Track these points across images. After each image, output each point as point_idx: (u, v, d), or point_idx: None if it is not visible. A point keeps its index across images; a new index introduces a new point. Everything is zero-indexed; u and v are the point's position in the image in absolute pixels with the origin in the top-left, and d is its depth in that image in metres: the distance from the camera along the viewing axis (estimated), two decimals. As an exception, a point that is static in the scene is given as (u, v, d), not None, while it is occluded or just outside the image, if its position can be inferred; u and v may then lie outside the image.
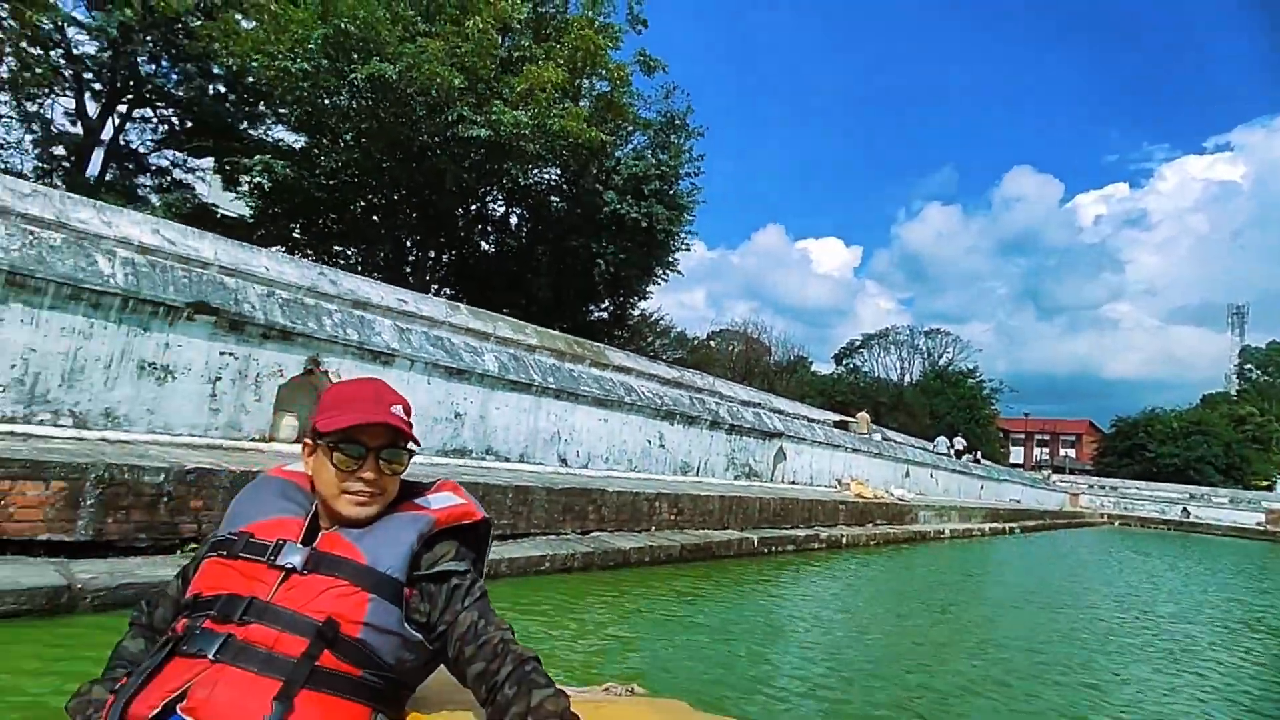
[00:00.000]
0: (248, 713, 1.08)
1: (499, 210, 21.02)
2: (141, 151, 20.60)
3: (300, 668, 1.12)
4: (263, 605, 1.18)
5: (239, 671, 1.12)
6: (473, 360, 8.58)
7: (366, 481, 1.30)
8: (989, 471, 30.39)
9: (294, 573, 1.22)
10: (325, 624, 1.16)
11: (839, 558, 11.29)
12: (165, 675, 1.13)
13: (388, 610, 1.22)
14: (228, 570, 1.25)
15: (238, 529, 1.31)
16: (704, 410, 12.63)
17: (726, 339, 43.31)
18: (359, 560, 1.24)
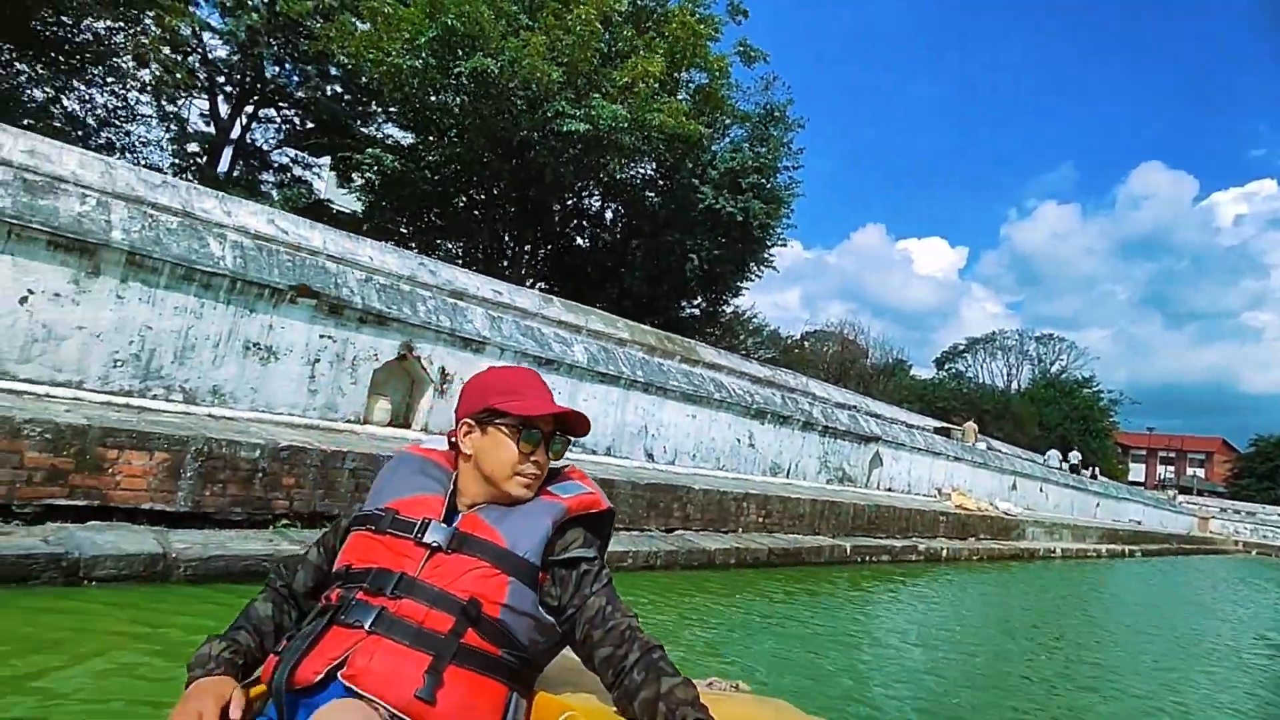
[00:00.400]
0: (402, 683, 1.14)
1: (594, 205, 21.11)
2: (265, 149, 21.90)
3: (448, 644, 1.18)
4: (411, 581, 1.23)
5: (393, 644, 1.17)
6: (562, 350, 8.54)
7: (538, 465, 1.37)
8: (1106, 488, 28.24)
9: (439, 551, 1.27)
10: (469, 603, 1.21)
11: (937, 572, 10.64)
12: (327, 643, 1.19)
13: (524, 593, 1.26)
14: (376, 545, 1.30)
15: (383, 505, 1.36)
16: (796, 410, 12.20)
17: (821, 340, 42.17)
18: (499, 543, 1.29)
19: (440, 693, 1.15)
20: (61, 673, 2.85)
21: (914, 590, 9.05)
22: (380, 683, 1.14)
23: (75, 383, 5.34)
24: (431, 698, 1.14)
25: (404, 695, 1.13)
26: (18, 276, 5.10)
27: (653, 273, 19.16)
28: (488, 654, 1.21)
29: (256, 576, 4.25)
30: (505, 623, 1.24)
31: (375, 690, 1.14)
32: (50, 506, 4.10)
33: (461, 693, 1.17)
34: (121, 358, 5.55)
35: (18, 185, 5.16)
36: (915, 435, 16.00)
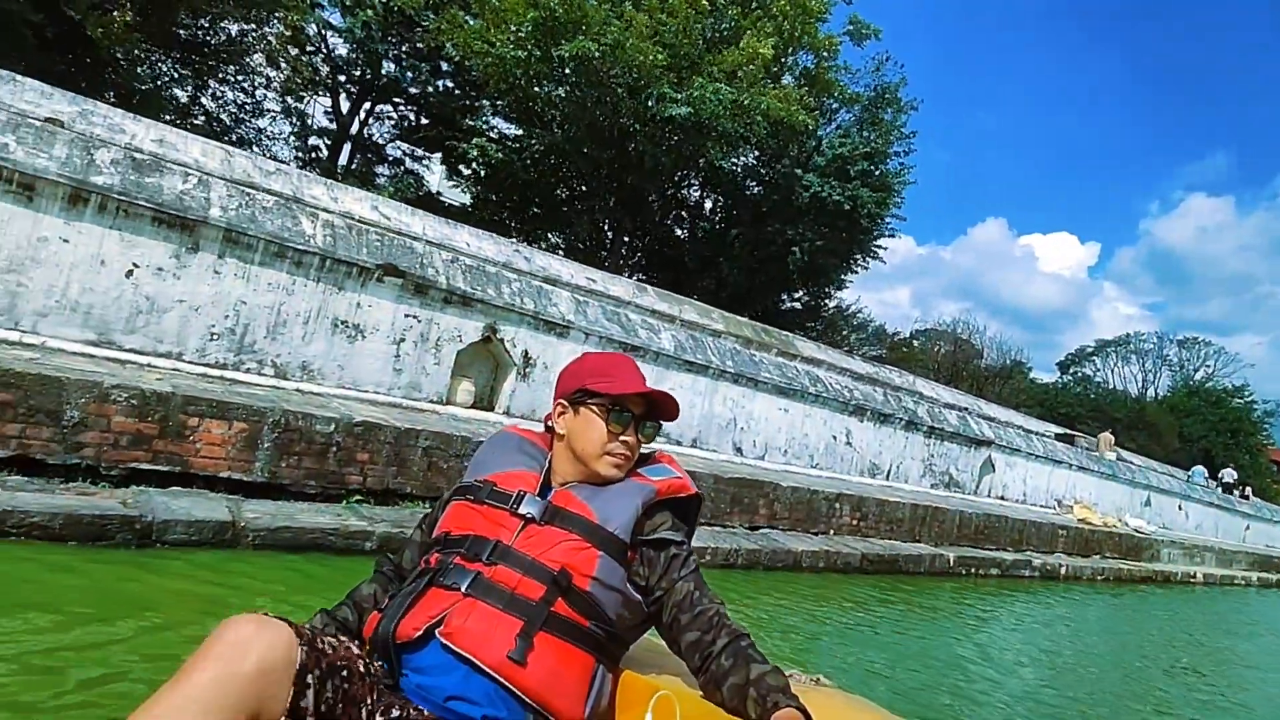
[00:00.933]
0: (495, 644, 1.18)
1: (693, 195, 20.77)
2: (380, 144, 22.84)
3: (539, 610, 1.21)
4: (506, 549, 1.28)
5: (487, 607, 1.21)
6: (649, 338, 8.30)
7: (628, 446, 1.41)
8: (1259, 510, 25.30)
9: (532, 522, 1.32)
10: (560, 573, 1.24)
11: (1054, 591, 9.72)
12: (426, 602, 1.24)
13: (614, 568, 1.29)
14: (474, 513, 1.36)
15: (482, 477, 1.42)
16: (899, 408, 11.46)
17: (932, 339, 40.05)
18: (590, 518, 1.32)
19: (531, 656, 1.18)
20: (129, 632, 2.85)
21: (1026, 608, 8.26)
22: (474, 642, 1.18)
23: (175, 354, 5.55)
24: (523, 660, 1.17)
25: (497, 655, 1.17)
26: (125, 250, 5.34)
27: (752, 264, 18.65)
28: (576, 624, 1.23)
29: (321, 549, 4.24)
30: (594, 595, 1.26)
31: (469, 649, 1.18)
32: (135, 470, 4.22)
33: (551, 659, 1.20)
34: (217, 331, 5.73)
35: (127, 164, 5.40)
36: (1033, 441, 14.78)
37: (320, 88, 21.99)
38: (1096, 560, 12.22)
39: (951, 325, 40.43)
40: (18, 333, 4.96)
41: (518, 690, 1.18)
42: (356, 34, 19.01)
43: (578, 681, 1.24)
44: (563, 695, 1.22)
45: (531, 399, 7.42)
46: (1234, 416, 43.56)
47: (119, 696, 2.33)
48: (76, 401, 4.01)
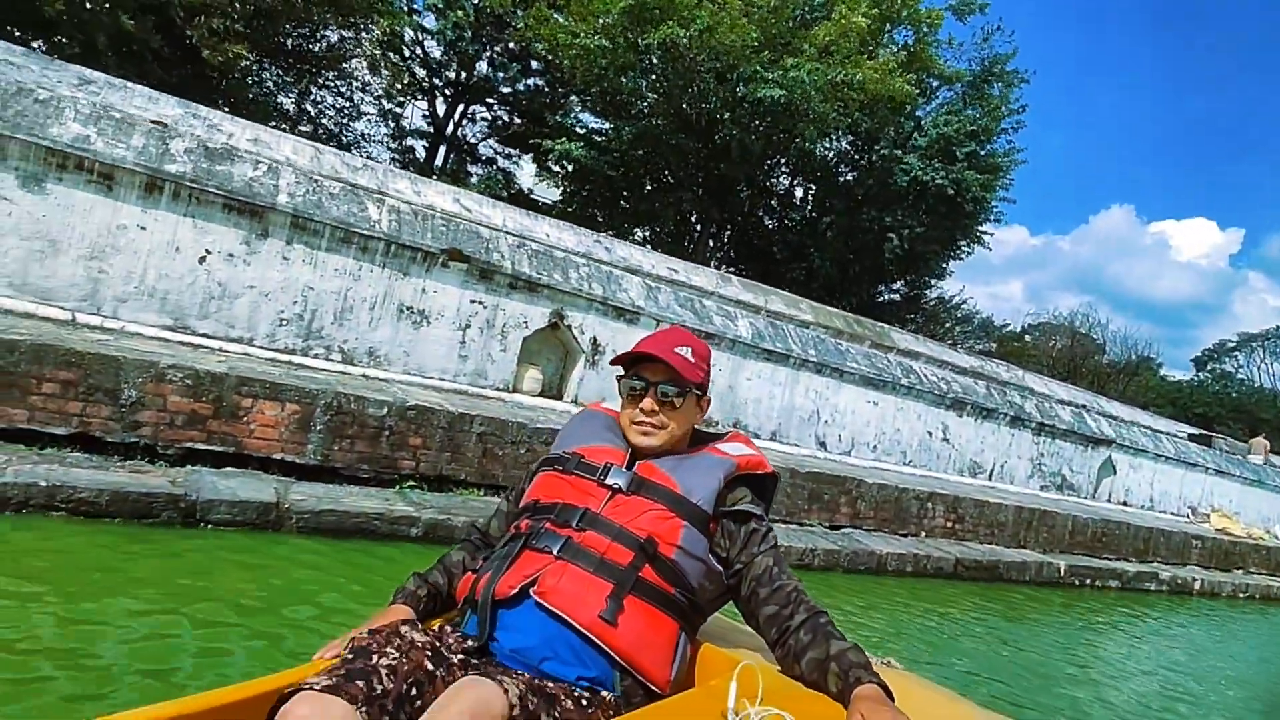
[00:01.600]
0: (587, 604, 1.20)
1: (784, 184, 20.09)
2: (473, 143, 23.37)
3: (628, 574, 1.24)
4: (595, 516, 1.30)
5: (578, 569, 1.24)
6: (724, 325, 7.91)
7: (645, 411, 1.41)
8: None
9: (619, 492, 1.34)
10: (647, 541, 1.27)
11: (1184, 608, 8.66)
12: (520, 563, 1.27)
13: (697, 538, 1.32)
14: (562, 483, 1.38)
15: (570, 449, 1.45)
16: (1003, 402, 10.55)
17: (1046, 333, 37.33)
18: (674, 489, 1.35)
19: (621, 617, 1.21)
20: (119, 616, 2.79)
21: (1149, 624, 7.36)
22: (567, 601, 1.21)
23: (246, 339, 5.65)
24: (614, 620, 1.20)
25: (589, 615, 1.20)
26: (197, 237, 5.46)
27: (845, 254, 17.83)
28: (663, 590, 1.26)
29: (366, 535, 4.14)
30: (678, 563, 1.28)
31: (562, 607, 1.21)
32: (191, 450, 4.25)
33: (639, 621, 1.23)
34: (286, 317, 5.80)
35: (199, 153, 5.53)
36: (1162, 441, 13.36)
37: (417, 91, 22.72)
38: (1239, 576, 10.88)
39: (1069, 318, 37.60)
40: (99, 317, 5.14)
41: (609, 649, 1.20)
42: (449, 36, 19.46)
43: (664, 646, 1.26)
44: (650, 657, 1.24)
45: (601, 387, 7.20)
46: None
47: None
48: (134, 381, 4.07)
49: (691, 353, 1.47)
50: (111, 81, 5.98)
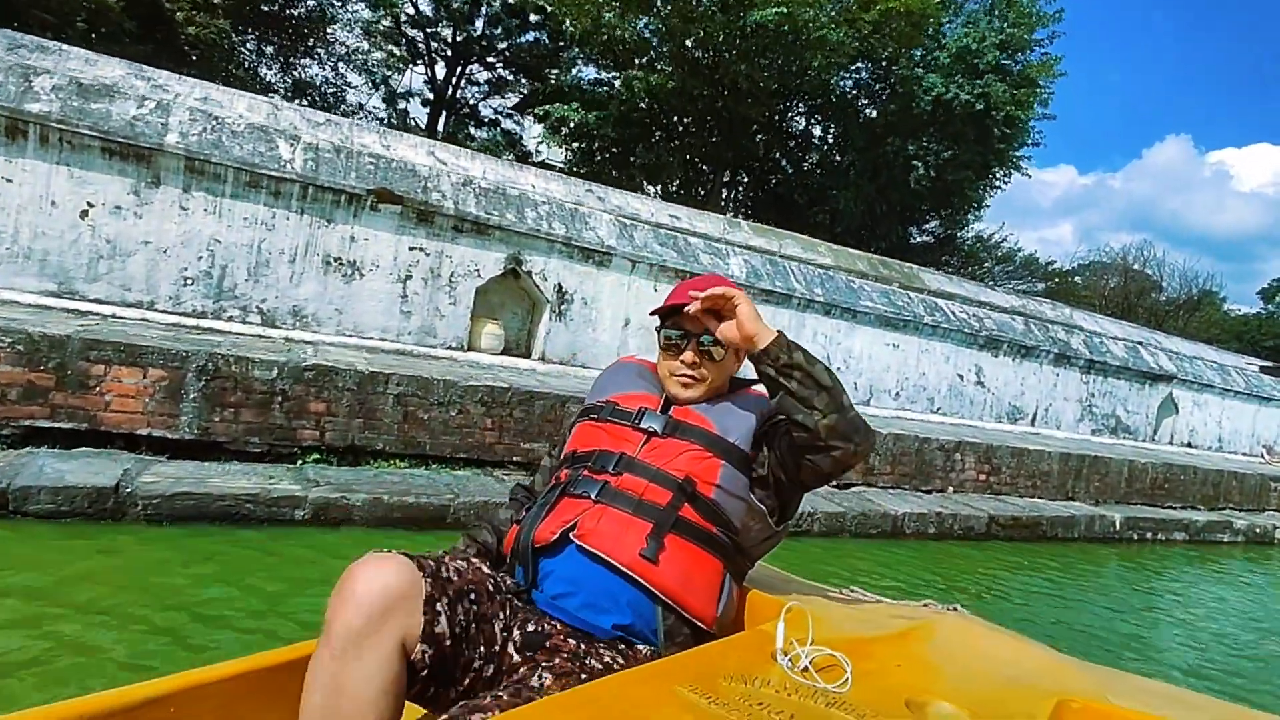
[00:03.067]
0: (627, 545, 1.19)
1: (800, 123, 18.80)
2: (473, 103, 22.50)
3: (667, 514, 1.22)
4: (631, 460, 1.28)
5: (617, 511, 1.23)
6: (711, 263, 6.98)
7: (687, 363, 1.37)
8: None
9: (655, 435, 1.32)
10: (684, 481, 1.25)
11: (1265, 561, 7.56)
12: (559, 510, 1.26)
13: (736, 477, 1.29)
14: (598, 431, 1.36)
15: (604, 398, 1.43)
16: (1045, 339, 9.42)
17: (1097, 272, 35.13)
18: (710, 430, 1.31)
19: (662, 555, 1.19)
20: None
21: (1219, 587, 6.31)
22: (607, 542, 1.20)
23: (146, 303, 4.95)
24: (654, 558, 1.18)
25: (629, 554, 1.19)
26: (75, 189, 4.74)
27: (870, 193, 16.53)
28: (704, 529, 1.24)
29: (236, 521, 3.40)
30: (718, 502, 1.26)
31: (603, 548, 1.19)
32: (33, 429, 3.55)
33: (681, 559, 1.21)
34: (191, 275, 5.07)
35: (70, 89, 4.78)
36: (1230, 375, 12.02)
37: (414, 56, 21.93)
38: (1324, 519, 9.65)
39: (1121, 254, 35.35)
40: (-36, 285, 4.48)
41: (652, 586, 1.18)
42: (443, -5, 18.53)
43: (708, 583, 1.23)
44: (694, 594, 1.21)
45: (571, 341, 6.36)
46: None
47: None
48: (-53, 349, 3.37)
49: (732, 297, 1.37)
50: (44, 44, 5.25)
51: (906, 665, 1.09)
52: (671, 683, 0.89)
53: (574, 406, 4.87)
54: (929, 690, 0.99)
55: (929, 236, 20.69)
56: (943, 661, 1.18)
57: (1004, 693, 1.08)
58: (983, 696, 1.03)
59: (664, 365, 1.40)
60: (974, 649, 1.20)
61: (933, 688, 1.00)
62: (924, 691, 0.98)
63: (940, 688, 1.01)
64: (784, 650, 1.01)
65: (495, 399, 4.54)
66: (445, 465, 4.44)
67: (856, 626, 1.23)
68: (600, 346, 6.46)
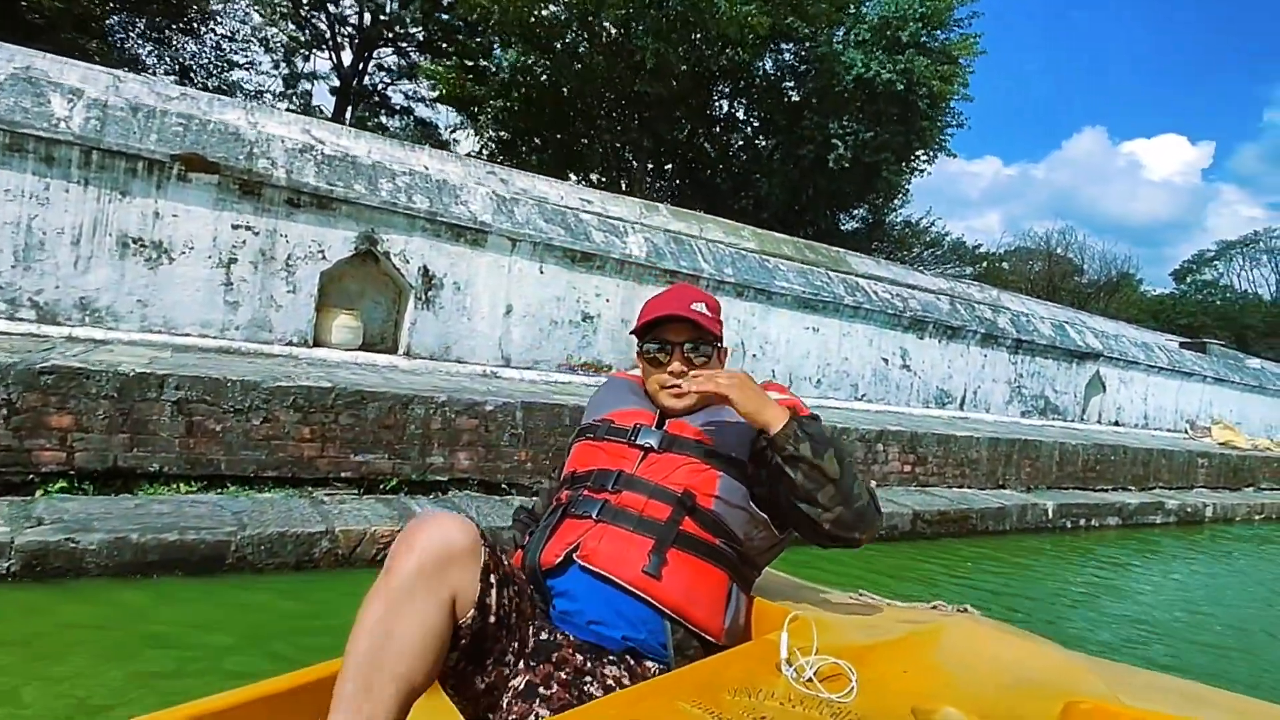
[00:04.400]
0: (630, 562, 1.19)
1: (724, 107, 18.26)
2: (381, 89, 21.26)
3: (668, 529, 1.22)
4: (630, 477, 1.28)
5: (618, 530, 1.23)
6: (605, 242, 6.23)
7: (674, 374, 1.37)
8: None
9: (651, 451, 1.31)
10: (684, 494, 1.24)
11: (1197, 541, 7.24)
12: (562, 532, 1.27)
13: (735, 487, 1.27)
14: (596, 450, 1.37)
15: (599, 417, 1.43)
16: (972, 319, 9.00)
17: (1023, 257, 35.93)
18: (706, 442, 1.31)
19: (665, 570, 1.19)
20: None
21: (1158, 575, 5.89)
22: (610, 561, 1.20)
23: None
24: (658, 574, 1.18)
25: (632, 571, 1.18)
26: None
27: (793, 177, 16.07)
28: (706, 541, 1.23)
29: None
30: (719, 514, 1.25)
31: (606, 567, 1.19)
32: None
33: (684, 574, 1.20)
34: (-65, 262, 4.06)
35: None
36: (1154, 351, 11.92)
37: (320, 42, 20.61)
38: (1250, 494, 9.52)
39: (1044, 239, 36.21)
40: None
41: (656, 602, 1.18)
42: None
43: (713, 596, 1.22)
44: (700, 607, 1.20)
45: (442, 332, 5.52)
46: (1397, 312, 37.64)
47: None
48: None
49: (706, 307, 1.40)
50: None
51: (913, 671, 1.10)
52: (674, 698, 0.90)
53: (419, 409, 4.06)
54: (935, 696, 0.99)
55: (857, 223, 20.43)
56: (950, 666, 1.18)
57: (1011, 696, 1.07)
58: (989, 701, 1.02)
59: (652, 380, 1.41)
60: (981, 652, 1.23)
61: (939, 694, 1.00)
62: (930, 698, 0.98)
63: (947, 693, 1.01)
64: (788, 660, 1.01)
65: (314, 403, 3.69)
66: (249, 486, 3.56)
67: (862, 633, 1.24)
68: (478, 338, 5.65)
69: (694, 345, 1.36)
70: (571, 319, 6.06)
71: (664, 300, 1.41)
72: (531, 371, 5.81)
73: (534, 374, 5.79)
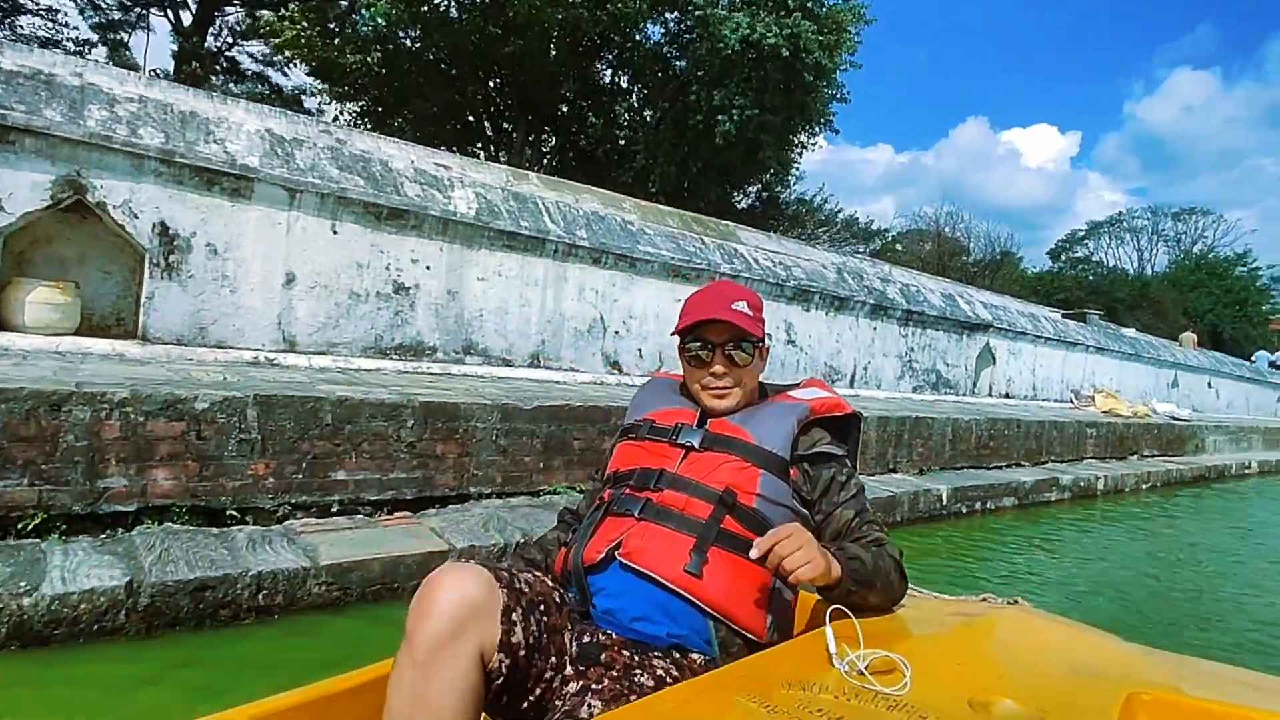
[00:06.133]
0: (672, 560, 1.20)
1: (607, 77, 17.25)
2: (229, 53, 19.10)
3: (709, 528, 1.22)
4: (672, 476, 1.30)
5: (660, 528, 1.24)
6: (421, 196, 5.07)
7: (716, 375, 1.38)
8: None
9: (692, 450, 1.33)
10: (725, 492, 1.26)
11: (1092, 516, 6.82)
12: (604, 529, 1.28)
13: (777, 485, 1.29)
14: (638, 450, 1.38)
15: (641, 417, 1.45)
16: (860, 288, 8.35)
17: (915, 239, 36.96)
18: (747, 440, 1.32)
19: (706, 569, 1.19)
20: None
21: (1064, 559, 5.31)
22: (652, 560, 1.21)
23: None
24: (699, 572, 1.19)
25: (674, 570, 1.19)
26: None
27: (680, 151, 15.24)
28: (748, 540, 1.19)
29: None
30: (761, 511, 1.26)
31: (648, 565, 1.20)
32: None
33: (726, 572, 1.20)
34: None
35: None
36: (1040, 321, 11.76)
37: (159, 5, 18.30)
38: (1135, 462, 9.36)
39: (934, 219, 37.31)
40: None
41: (698, 601, 1.18)
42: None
43: (755, 594, 1.22)
44: (742, 606, 1.20)
45: (193, 309, 4.25)
46: (1239, 286, 40.90)
47: None
48: None
49: (747, 305, 1.41)
50: None
51: (967, 664, 1.08)
52: (729, 692, 0.90)
53: (81, 411, 2.85)
54: (992, 689, 0.96)
55: (751, 199, 19.90)
56: (1005, 658, 1.16)
57: (1071, 687, 1.04)
58: (1049, 692, 0.99)
59: (693, 379, 1.41)
60: (1037, 643, 1.20)
61: (996, 686, 0.98)
62: (987, 690, 0.96)
63: (1004, 685, 0.98)
64: (838, 655, 0.99)
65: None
66: None
67: (913, 626, 1.21)
68: (247, 315, 4.41)
69: (735, 345, 1.38)
70: (380, 290, 4.89)
71: (704, 300, 1.42)
72: (326, 357, 4.62)
73: (329, 359, 4.61)
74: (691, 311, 1.40)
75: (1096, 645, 1.21)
